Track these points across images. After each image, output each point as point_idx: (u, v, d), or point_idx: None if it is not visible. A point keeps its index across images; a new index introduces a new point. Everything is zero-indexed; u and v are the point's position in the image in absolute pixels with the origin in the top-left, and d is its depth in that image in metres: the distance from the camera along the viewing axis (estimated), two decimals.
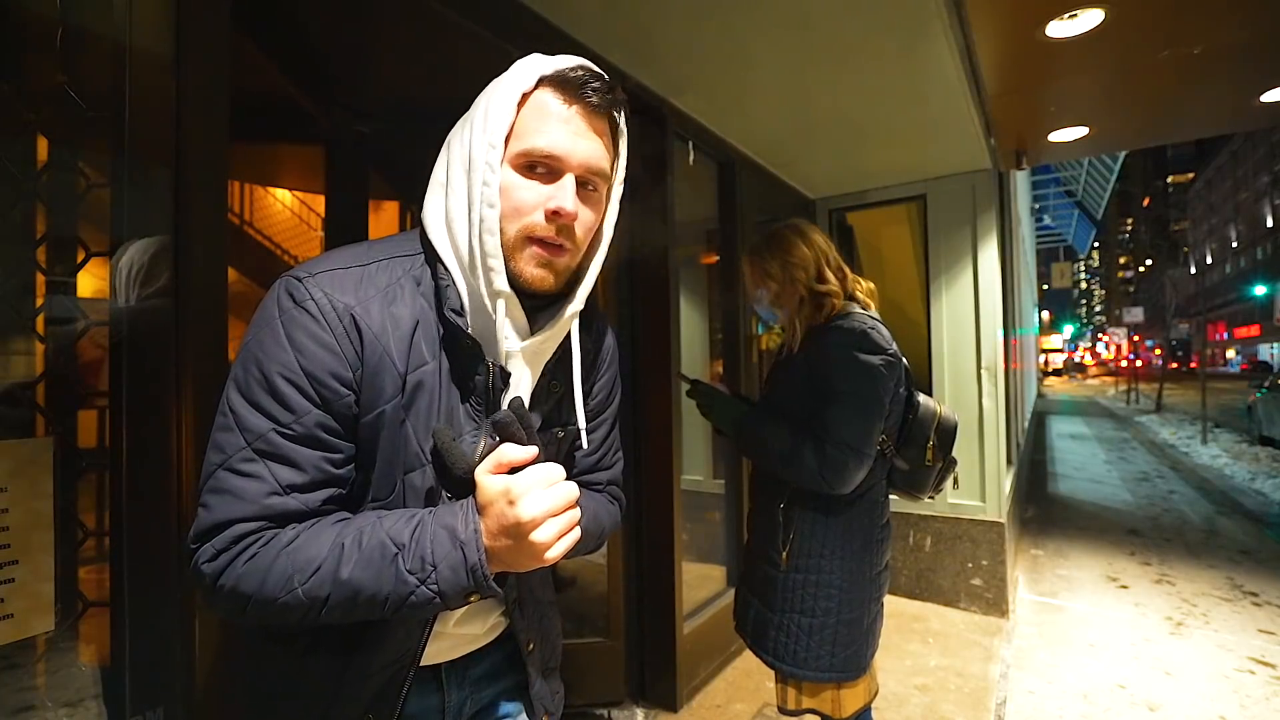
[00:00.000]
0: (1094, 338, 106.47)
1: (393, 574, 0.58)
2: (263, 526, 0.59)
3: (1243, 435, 10.34)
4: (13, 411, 0.90)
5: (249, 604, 0.58)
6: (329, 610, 0.59)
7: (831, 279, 1.42)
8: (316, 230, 5.91)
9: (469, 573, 0.59)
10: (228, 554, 0.58)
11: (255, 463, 0.59)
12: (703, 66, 2.13)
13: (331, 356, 0.61)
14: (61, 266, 0.97)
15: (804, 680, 1.39)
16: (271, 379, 0.60)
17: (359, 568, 0.58)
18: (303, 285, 0.63)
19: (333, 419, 0.62)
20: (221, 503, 0.59)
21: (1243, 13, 2.08)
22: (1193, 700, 2.44)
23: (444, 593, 0.59)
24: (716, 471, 3.11)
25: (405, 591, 0.58)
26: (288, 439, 0.60)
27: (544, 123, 0.65)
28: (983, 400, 3.29)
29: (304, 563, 0.58)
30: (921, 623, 3.13)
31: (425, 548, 0.59)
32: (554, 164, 0.65)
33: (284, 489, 0.60)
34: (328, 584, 0.58)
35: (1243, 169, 43.70)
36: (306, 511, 0.61)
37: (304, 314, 0.62)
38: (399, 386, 0.64)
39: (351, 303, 0.63)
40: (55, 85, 0.96)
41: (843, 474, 1.29)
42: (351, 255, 0.68)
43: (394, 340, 0.64)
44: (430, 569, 0.58)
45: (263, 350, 0.61)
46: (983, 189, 3.36)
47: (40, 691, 0.93)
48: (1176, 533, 4.92)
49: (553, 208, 0.64)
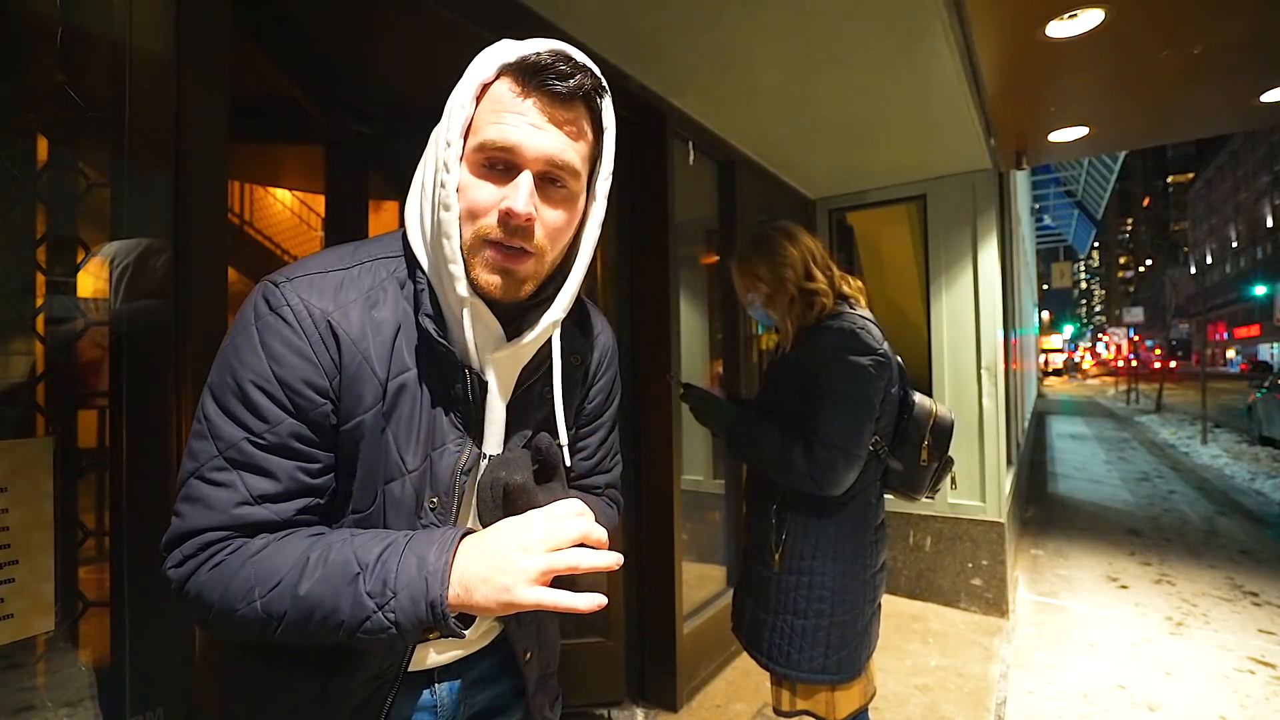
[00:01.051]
0: (1094, 338, 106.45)
1: (351, 595, 0.54)
2: (229, 536, 0.58)
3: (1243, 435, 10.34)
4: (13, 411, 0.90)
5: (211, 613, 0.57)
6: (284, 629, 0.55)
7: (820, 276, 1.42)
8: (316, 230, 5.91)
9: (428, 606, 0.54)
10: (194, 560, 0.57)
11: (227, 471, 0.58)
12: (703, 66, 2.13)
13: (307, 364, 0.60)
14: (61, 266, 0.97)
15: (798, 681, 1.39)
16: (244, 387, 0.58)
17: (319, 584, 0.55)
18: (279, 291, 0.61)
19: (308, 428, 0.60)
20: (192, 511, 0.58)
21: (1243, 13, 2.08)
22: (1193, 700, 2.44)
23: (399, 624, 0.54)
24: (716, 471, 3.11)
25: (361, 615, 0.54)
26: (260, 448, 0.58)
27: (499, 115, 0.60)
28: (983, 400, 3.29)
29: (266, 574, 0.56)
30: (921, 623, 3.14)
31: (390, 571, 0.55)
32: (509, 159, 0.60)
33: (255, 499, 0.58)
34: (286, 599, 0.55)
35: (1243, 169, 43.69)
36: (278, 522, 0.59)
37: (279, 320, 0.60)
38: (379, 394, 0.62)
39: (329, 308, 0.62)
40: (55, 85, 0.96)
41: (832, 475, 1.29)
42: (335, 258, 0.66)
43: (375, 346, 0.62)
44: (390, 595, 0.54)
45: (238, 357, 0.60)
46: (983, 189, 3.36)
47: (40, 691, 0.93)
48: (1176, 533, 4.92)
49: (504, 208, 0.59)
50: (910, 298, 3.66)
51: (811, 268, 1.42)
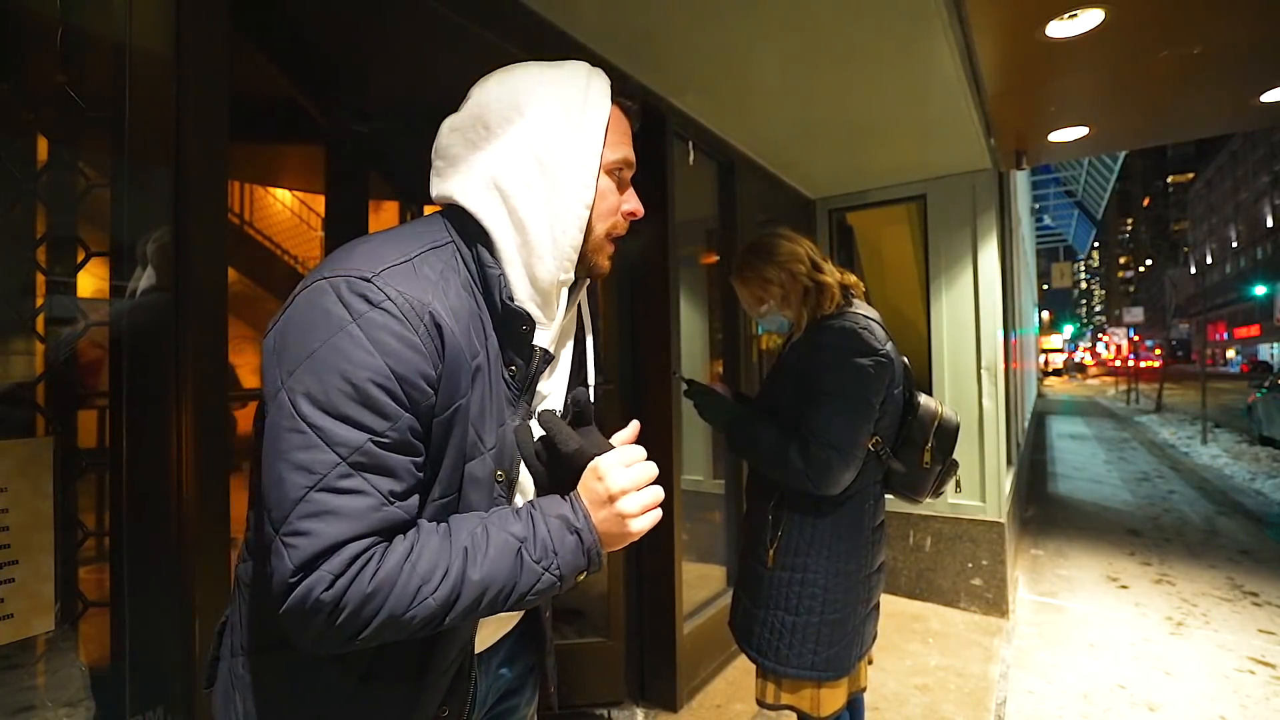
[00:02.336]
0: (1094, 338, 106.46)
1: (521, 566, 0.62)
2: (375, 542, 0.57)
3: (1243, 435, 10.34)
4: (13, 411, 0.90)
5: (371, 624, 0.56)
6: (455, 614, 0.60)
7: (827, 269, 1.44)
8: (316, 230, 5.92)
9: (586, 553, 0.65)
10: (345, 576, 0.55)
11: (353, 477, 0.57)
12: (703, 67, 2.13)
13: (419, 356, 0.60)
14: (61, 266, 0.97)
15: (784, 677, 1.40)
16: (362, 386, 0.57)
17: (491, 565, 0.61)
18: (373, 284, 0.60)
19: (418, 421, 0.61)
20: (325, 525, 0.55)
21: (1243, 13, 2.08)
22: (1193, 700, 2.44)
23: (564, 576, 0.64)
24: (716, 471, 3.11)
25: (533, 579, 0.63)
26: (385, 448, 0.58)
27: (622, 135, 0.76)
28: (983, 400, 3.29)
29: (428, 571, 0.58)
30: (921, 623, 3.13)
31: (545, 537, 0.64)
32: (628, 172, 0.78)
33: (389, 500, 0.58)
34: (459, 586, 0.59)
35: (1243, 169, 43.69)
36: (409, 520, 0.61)
37: (384, 314, 0.59)
38: (470, 379, 0.65)
39: (427, 299, 0.62)
40: (55, 85, 0.96)
41: (828, 474, 1.29)
42: (395, 249, 0.65)
43: (465, 331, 0.65)
44: (553, 556, 0.64)
45: (345, 358, 0.57)
46: (983, 189, 3.37)
47: (40, 691, 0.93)
48: (1176, 533, 4.92)
49: (629, 209, 0.77)
50: (910, 298, 3.66)
51: (818, 260, 1.44)
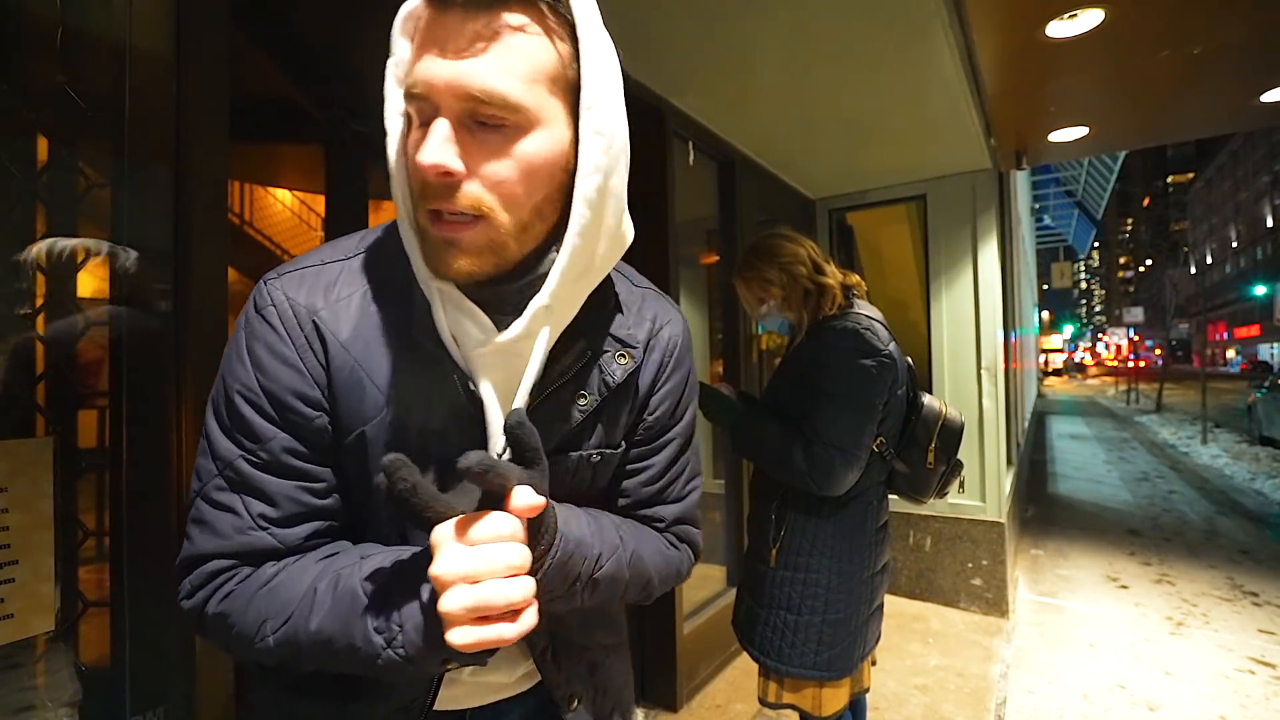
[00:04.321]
0: (1094, 338, 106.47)
1: (361, 630, 0.48)
2: (235, 565, 0.53)
3: (1243, 435, 10.33)
4: (13, 412, 0.90)
5: (229, 645, 0.53)
6: (304, 661, 0.51)
7: (829, 270, 1.44)
8: (316, 230, 5.91)
9: (433, 640, 0.46)
10: (203, 591, 0.53)
11: (227, 492, 0.52)
12: (703, 66, 2.13)
13: (293, 373, 0.53)
14: (61, 267, 0.96)
15: (786, 676, 1.40)
16: (233, 400, 0.53)
17: (329, 618, 0.48)
18: (266, 289, 0.55)
19: (303, 444, 0.54)
20: (200, 535, 0.53)
21: (1243, 13, 2.08)
22: (1193, 700, 2.44)
23: (412, 659, 0.47)
24: (716, 471, 3.11)
25: (372, 653, 0.47)
26: (255, 467, 0.53)
27: (420, 51, 0.48)
28: (983, 400, 3.29)
29: (278, 607, 0.50)
30: (921, 623, 3.13)
31: (394, 602, 0.48)
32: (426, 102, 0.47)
33: (257, 523, 0.52)
34: (299, 634, 0.49)
35: (1243, 169, 43.68)
36: (284, 549, 0.53)
37: (263, 323, 0.54)
38: (380, 403, 0.54)
39: (317, 305, 0.54)
40: (55, 85, 0.96)
41: (831, 475, 1.29)
42: (337, 249, 0.59)
43: (375, 347, 0.54)
44: (396, 630, 0.47)
45: (228, 367, 0.54)
46: (983, 189, 3.36)
47: (40, 691, 0.93)
48: (1176, 533, 4.92)
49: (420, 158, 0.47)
50: (910, 298, 3.66)
51: (820, 262, 1.44)
